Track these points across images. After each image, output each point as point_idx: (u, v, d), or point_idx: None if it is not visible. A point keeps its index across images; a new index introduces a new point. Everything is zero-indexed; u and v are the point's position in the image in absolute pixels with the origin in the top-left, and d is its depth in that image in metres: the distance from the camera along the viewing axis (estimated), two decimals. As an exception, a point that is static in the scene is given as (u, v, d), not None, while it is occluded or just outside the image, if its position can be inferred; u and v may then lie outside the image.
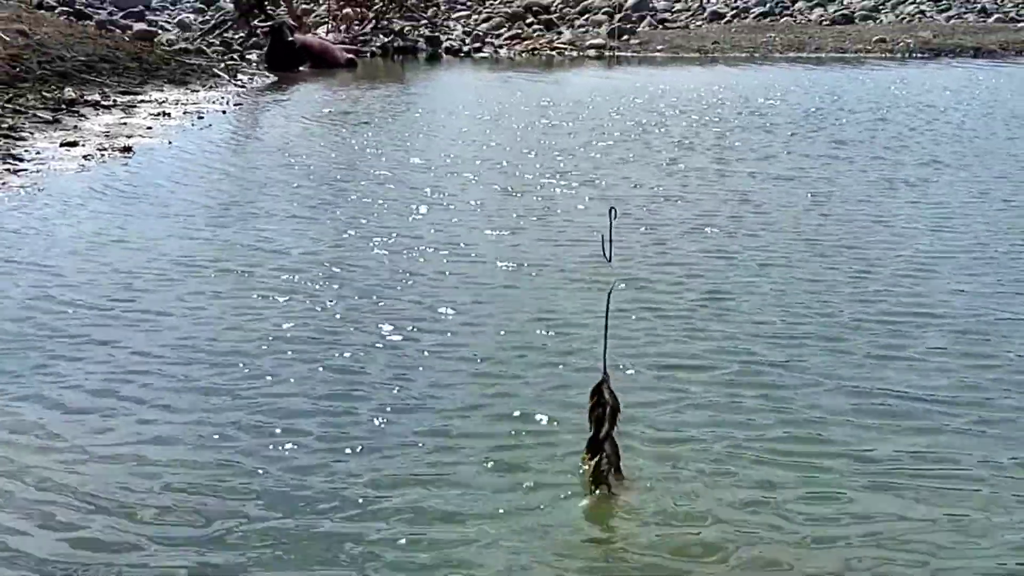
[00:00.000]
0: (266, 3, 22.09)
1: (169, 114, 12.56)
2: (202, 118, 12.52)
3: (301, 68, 18.91)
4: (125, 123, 11.69)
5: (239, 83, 16.48)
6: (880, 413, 4.11)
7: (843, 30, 26.77)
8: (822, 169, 9.39)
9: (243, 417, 4.03)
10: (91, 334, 4.94)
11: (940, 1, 33.39)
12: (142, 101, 13.44)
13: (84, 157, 9.62)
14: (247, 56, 20.05)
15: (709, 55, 23.02)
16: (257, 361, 4.60)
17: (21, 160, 9.30)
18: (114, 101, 13.06)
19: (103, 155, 9.76)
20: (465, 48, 23.48)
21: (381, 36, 23.70)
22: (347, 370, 4.53)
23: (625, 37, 25.09)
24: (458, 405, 4.17)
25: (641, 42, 24.69)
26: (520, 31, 25.61)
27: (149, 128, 11.45)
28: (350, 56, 20.32)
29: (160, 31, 22.43)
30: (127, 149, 10.02)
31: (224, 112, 13.25)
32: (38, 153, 9.67)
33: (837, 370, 4.51)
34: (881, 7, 32.22)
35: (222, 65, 18.03)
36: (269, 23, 20.54)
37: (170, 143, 10.62)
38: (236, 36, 21.68)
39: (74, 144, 10.14)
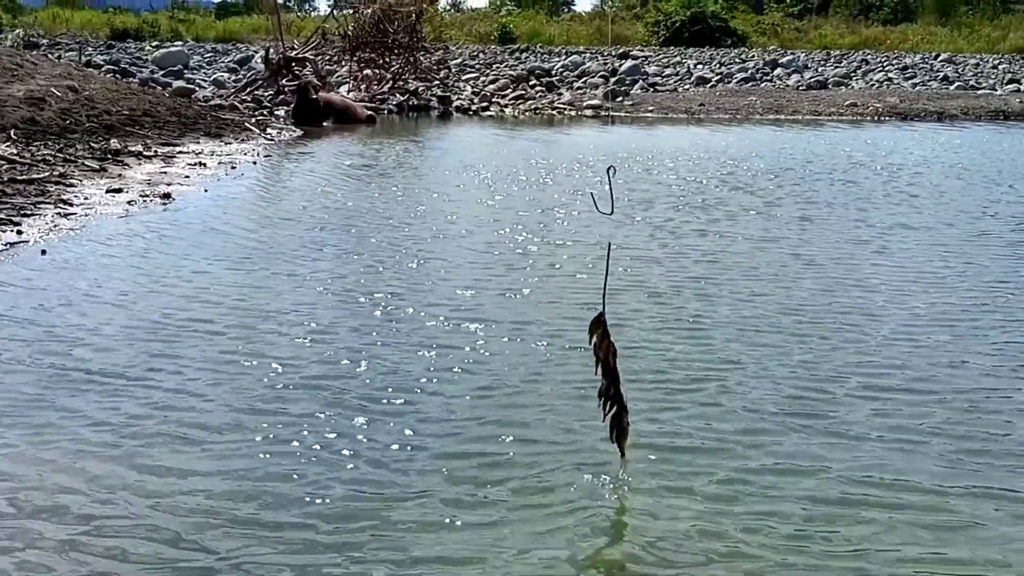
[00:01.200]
0: (293, 64, 22.31)
1: (205, 164, 12.67)
2: (235, 168, 12.63)
3: (325, 123, 19.04)
4: (165, 172, 11.81)
5: (268, 136, 16.62)
6: (878, 502, 3.70)
7: (818, 95, 26.96)
8: (801, 230, 9.07)
9: (258, 464, 4.00)
10: (130, 365, 5.02)
11: (906, 70, 33.74)
12: (180, 152, 13.58)
13: (128, 203, 9.73)
14: (276, 112, 20.22)
15: (695, 116, 23.18)
16: (274, 405, 4.66)
17: (71, 204, 9.41)
18: (155, 152, 13.19)
19: (145, 201, 9.87)
20: (474, 107, 23.65)
21: (397, 95, 23.90)
22: (363, 418, 4.58)
23: (619, 99, 25.27)
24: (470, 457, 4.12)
25: (634, 103, 24.88)
26: (524, 92, 25.79)
27: (187, 177, 11.58)
28: (370, 113, 20.47)
29: (197, 88, 22.62)
30: (167, 196, 10.13)
31: (255, 163, 13.36)
32: (86, 198, 9.79)
33: (833, 453, 4.13)
34: (852, 75, 32.54)
35: (253, 120, 18.16)
36: (296, 82, 20.72)
37: (206, 191, 10.73)
38: (266, 94, 21.86)
39: (119, 191, 10.25)
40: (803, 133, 19.58)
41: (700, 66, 34.18)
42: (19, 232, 8.11)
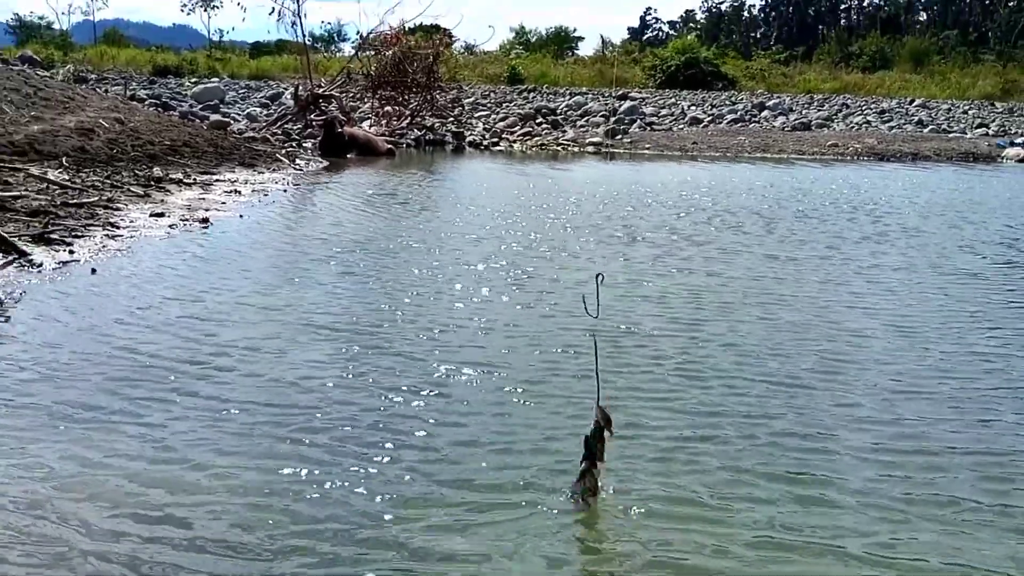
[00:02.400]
0: (320, 100, 22.51)
1: (240, 191, 12.76)
2: (267, 195, 12.72)
3: (349, 155, 19.16)
4: (203, 198, 11.90)
5: (297, 167, 16.72)
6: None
7: (801, 136, 27.09)
8: (789, 268, 8.65)
9: (285, 465, 4.10)
10: (169, 374, 5.09)
11: (883, 113, 33.90)
12: (217, 180, 13.66)
13: (170, 226, 9.80)
14: (304, 144, 20.35)
15: (689, 153, 23.29)
16: (303, 409, 4.71)
17: (118, 227, 9.49)
18: (194, 179, 13.28)
19: (185, 224, 9.95)
20: (485, 142, 23.80)
21: (415, 130, 24.08)
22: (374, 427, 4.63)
23: (619, 136, 25.43)
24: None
25: (632, 141, 25.01)
26: (531, 129, 25.96)
27: (223, 203, 11.66)
28: (389, 146, 20.59)
29: (232, 121, 22.79)
30: (205, 220, 10.21)
31: (285, 191, 13.46)
32: (131, 222, 9.86)
33: (819, 518, 3.61)
34: (834, 117, 32.71)
35: (283, 151, 18.29)
36: (323, 117, 20.95)
37: (240, 216, 10.82)
38: (295, 127, 22.03)
39: (161, 215, 10.32)
40: (789, 171, 19.66)
41: (693, 107, 34.37)
42: (71, 252, 8.19)
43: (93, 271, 7.56)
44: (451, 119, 26.06)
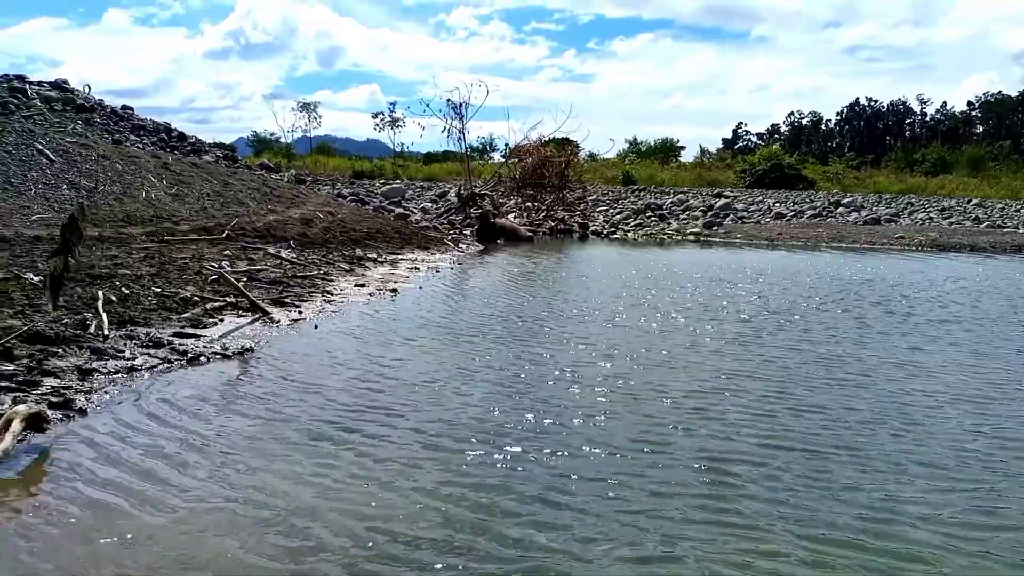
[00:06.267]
0: (477, 198, 23.35)
1: (418, 268, 13.38)
2: (438, 271, 13.30)
3: (499, 241, 19.71)
4: (392, 273, 12.55)
5: (460, 249, 17.36)
6: None
7: (872, 229, 26.05)
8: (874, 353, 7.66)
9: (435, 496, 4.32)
10: (378, 403, 5.47)
11: (944, 211, 32.19)
12: (401, 259, 14.37)
13: (369, 294, 10.43)
14: (464, 232, 21.08)
15: (774, 243, 22.78)
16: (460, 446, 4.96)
17: (332, 294, 10.18)
18: (385, 258, 14.04)
19: (380, 293, 10.55)
20: (605, 231, 24.01)
21: (550, 221, 24.56)
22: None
23: (715, 227, 25.17)
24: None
25: (726, 231, 24.70)
26: (642, 221, 26.05)
27: (407, 277, 12.27)
28: (530, 234, 21.09)
29: (411, 213, 23.86)
30: (394, 290, 10.80)
31: (452, 268, 14.01)
32: (341, 290, 10.54)
33: None
34: (900, 213, 31.29)
35: (449, 237, 19.01)
36: (479, 210, 21.70)
37: (420, 287, 11.36)
38: (458, 218, 22.87)
39: (363, 285, 10.99)
40: (862, 259, 18.94)
41: (778, 204, 33.57)
42: (299, 312, 8.87)
43: (316, 327, 8.16)
44: (578, 213, 26.46)
